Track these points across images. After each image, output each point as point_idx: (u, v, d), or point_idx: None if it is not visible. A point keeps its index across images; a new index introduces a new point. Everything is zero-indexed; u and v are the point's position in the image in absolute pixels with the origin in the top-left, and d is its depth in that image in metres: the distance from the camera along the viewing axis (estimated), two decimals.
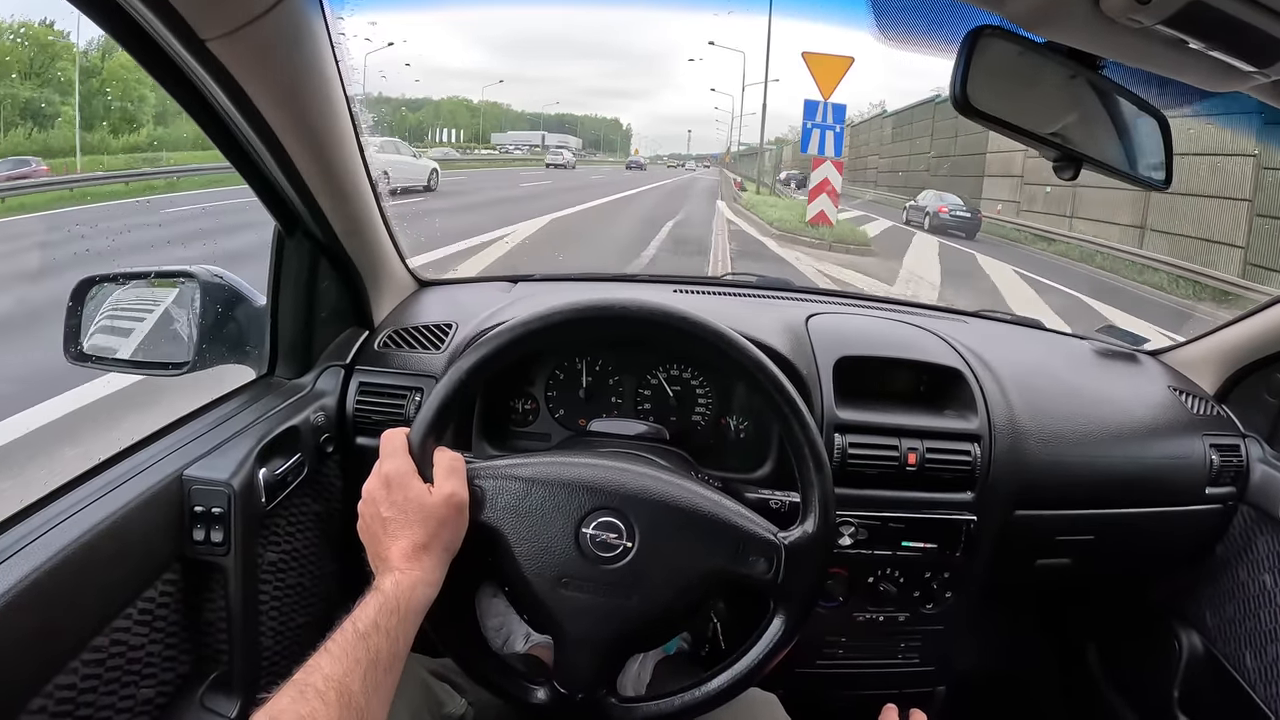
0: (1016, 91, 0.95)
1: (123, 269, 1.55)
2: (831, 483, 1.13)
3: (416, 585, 0.98)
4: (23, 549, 1.02)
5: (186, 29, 1.00)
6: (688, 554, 1.08)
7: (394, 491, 1.04)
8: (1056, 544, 1.68)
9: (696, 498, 1.10)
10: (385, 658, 0.90)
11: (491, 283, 2.10)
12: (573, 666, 1.09)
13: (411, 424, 1.11)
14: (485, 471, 1.10)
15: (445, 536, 1.03)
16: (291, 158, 1.32)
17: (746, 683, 1.11)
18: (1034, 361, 1.84)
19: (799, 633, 1.12)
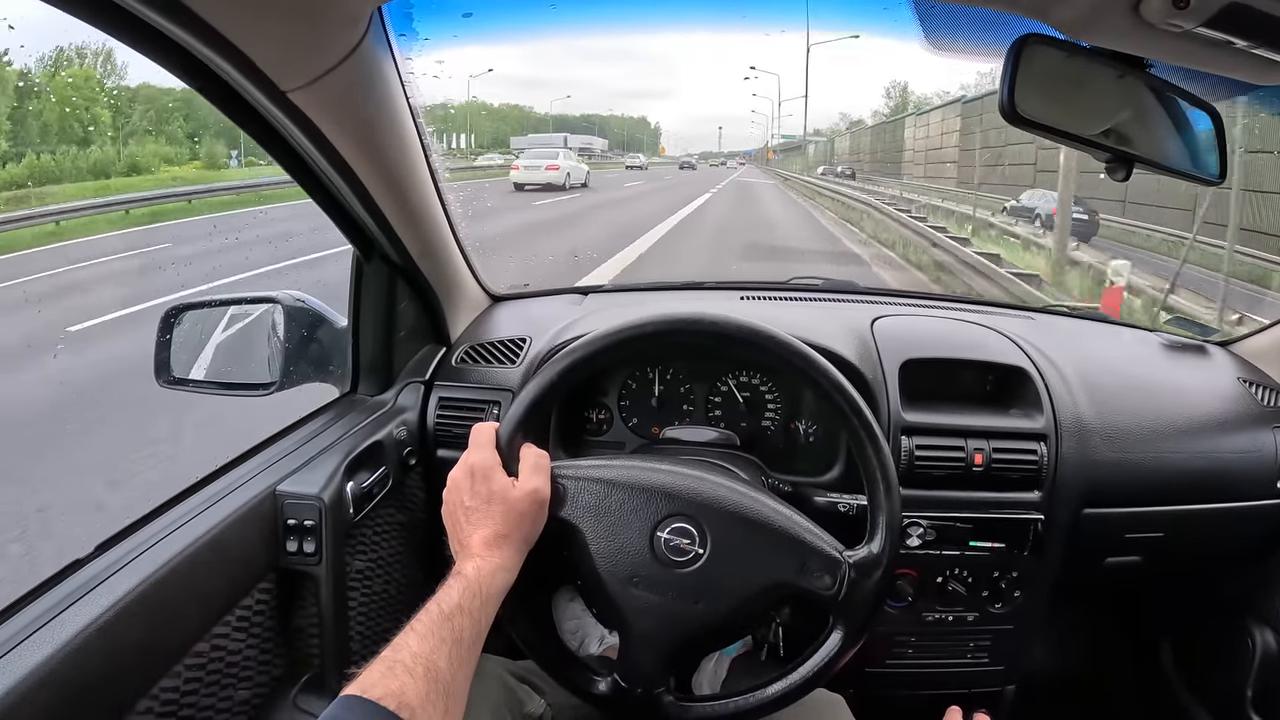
0: (1065, 96, 0.97)
1: (208, 296, 1.64)
2: (900, 506, 1.15)
3: (496, 571, 1.02)
4: (130, 562, 1.10)
5: (268, 83, 1.07)
6: (755, 564, 1.11)
7: (478, 482, 1.09)
8: (1126, 542, 1.66)
9: (768, 510, 1.13)
10: (469, 637, 0.95)
11: (562, 295, 2.15)
12: (635, 662, 1.13)
13: (500, 421, 1.16)
14: (569, 471, 1.15)
15: (525, 529, 1.07)
16: (368, 189, 1.39)
17: (801, 691, 1.14)
18: (1100, 357, 1.82)
19: (856, 646, 1.14)
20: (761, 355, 1.20)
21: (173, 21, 0.91)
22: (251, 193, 14.04)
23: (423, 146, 1.50)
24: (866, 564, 1.12)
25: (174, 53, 0.99)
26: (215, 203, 13.72)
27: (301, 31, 1.07)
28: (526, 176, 20.71)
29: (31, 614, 0.99)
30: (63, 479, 4.09)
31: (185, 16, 0.91)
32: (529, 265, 9.60)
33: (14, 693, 0.89)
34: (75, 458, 4.44)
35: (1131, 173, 1.01)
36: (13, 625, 0.98)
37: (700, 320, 1.20)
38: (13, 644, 0.94)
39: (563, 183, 20.94)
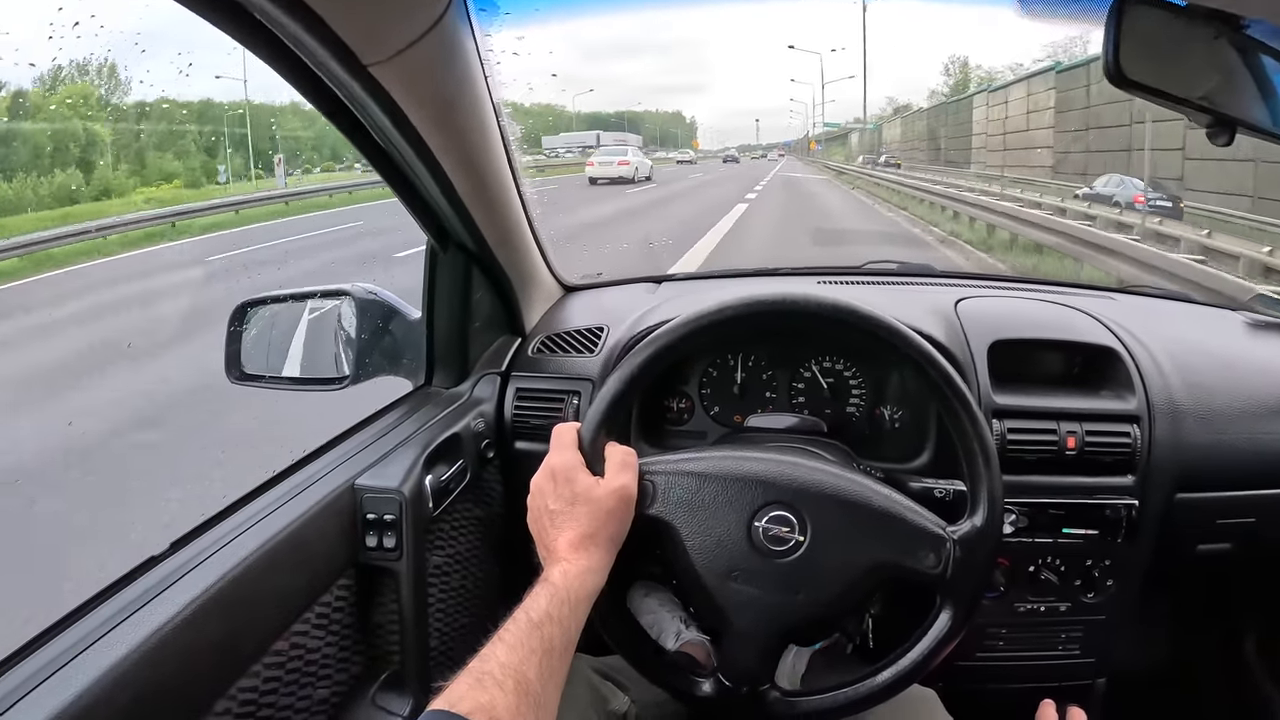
0: (1166, 57, 0.92)
1: (278, 291, 1.63)
2: (1000, 476, 1.11)
3: (584, 574, 0.99)
4: (206, 559, 1.07)
5: (349, 55, 1.04)
6: (858, 548, 1.07)
7: (560, 484, 1.06)
8: (1217, 528, 1.60)
9: (868, 491, 1.09)
10: (559, 646, 0.91)
11: (636, 284, 2.12)
12: (737, 659, 1.09)
13: (581, 420, 1.13)
14: (657, 466, 1.12)
15: (611, 528, 1.04)
16: (446, 172, 1.36)
17: (911, 678, 1.10)
18: (1188, 336, 1.76)
19: (965, 628, 1.10)
20: (848, 332, 1.16)
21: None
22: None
23: (500, 130, 1.47)
24: (971, 539, 1.08)
25: (252, 26, 0.97)
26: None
27: (384, 2, 1.04)
28: (600, 171, 22.45)
29: (106, 613, 0.97)
30: None
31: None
32: (626, 247, 10.18)
33: (89, 694, 0.87)
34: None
35: (1234, 137, 0.95)
36: (87, 624, 0.96)
37: (782, 299, 1.16)
38: (87, 644, 0.92)
39: (632, 176, 22.55)
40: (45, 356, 6.53)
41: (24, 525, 3.70)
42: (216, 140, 15.33)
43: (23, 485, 3.99)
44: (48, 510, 3.78)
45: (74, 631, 0.95)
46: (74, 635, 0.94)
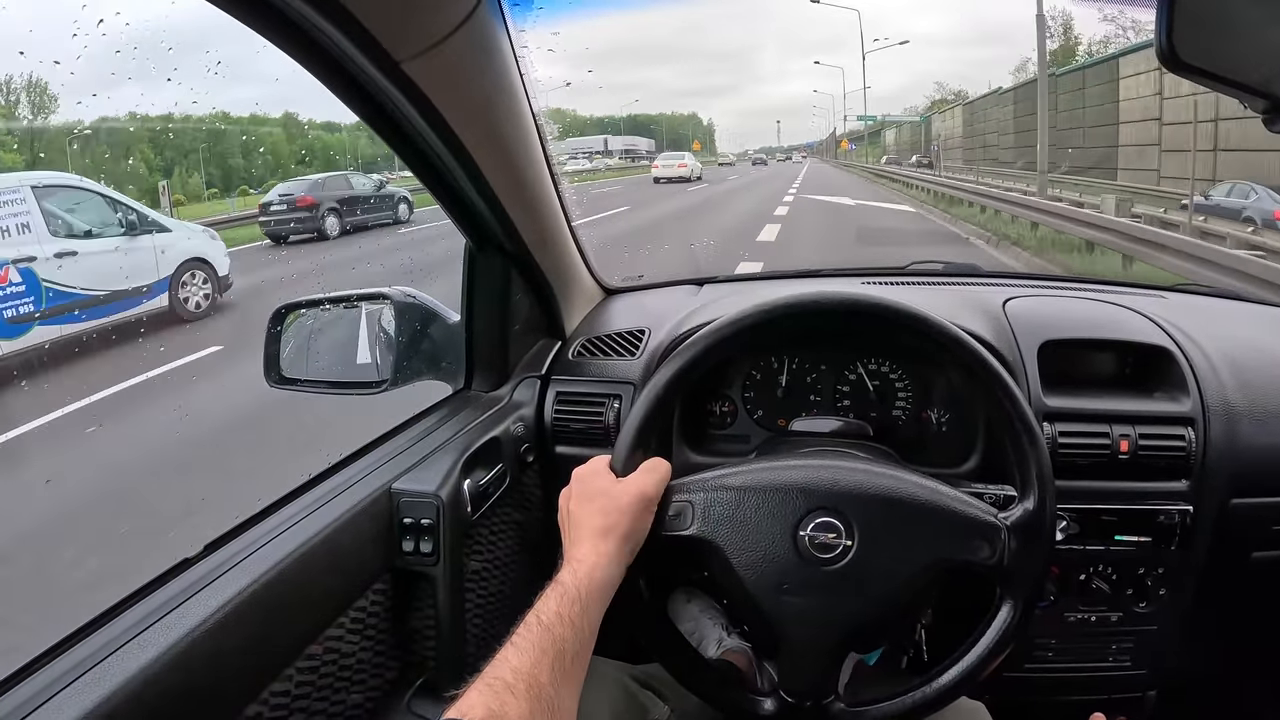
0: (1220, 39, 0.88)
1: (316, 295, 1.63)
2: (1047, 455, 1.08)
3: (594, 570, 0.98)
4: (240, 562, 1.07)
5: (381, 52, 1.03)
6: (909, 546, 1.05)
7: (585, 483, 1.07)
8: (1273, 534, 1.53)
9: (912, 487, 1.07)
10: (571, 647, 0.90)
11: (678, 286, 2.10)
12: (799, 674, 1.06)
13: (613, 437, 1.12)
14: (694, 485, 1.09)
15: (626, 524, 1.02)
16: (483, 172, 1.35)
17: (976, 675, 1.07)
18: (1241, 335, 1.70)
19: (1029, 619, 1.07)
20: (870, 322, 1.16)
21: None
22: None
23: (538, 129, 1.46)
24: (1024, 523, 1.06)
25: (283, 25, 0.97)
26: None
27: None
28: (664, 172, 26.46)
29: (137, 615, 0.97)
30: None
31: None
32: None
33: (118, 695, 0.86)
34: None
35: None
36: (117, 626, 0.95)
37: (821, 299, 1.15)
38: (117, 645, 0.92)
39: (689, 175, 26.16)
40: None
41: None
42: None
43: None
44: None
45: (106, 632, 0.94)
46: (106, 636, 0.93)
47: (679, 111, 58.37)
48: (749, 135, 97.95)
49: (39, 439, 4.58)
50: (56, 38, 1.45)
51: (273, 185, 12.93)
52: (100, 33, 1.38)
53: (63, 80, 2.05)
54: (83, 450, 4.53)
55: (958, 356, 1.12)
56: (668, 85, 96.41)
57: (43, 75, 10.56)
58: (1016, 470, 1.09)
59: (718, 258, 11.45)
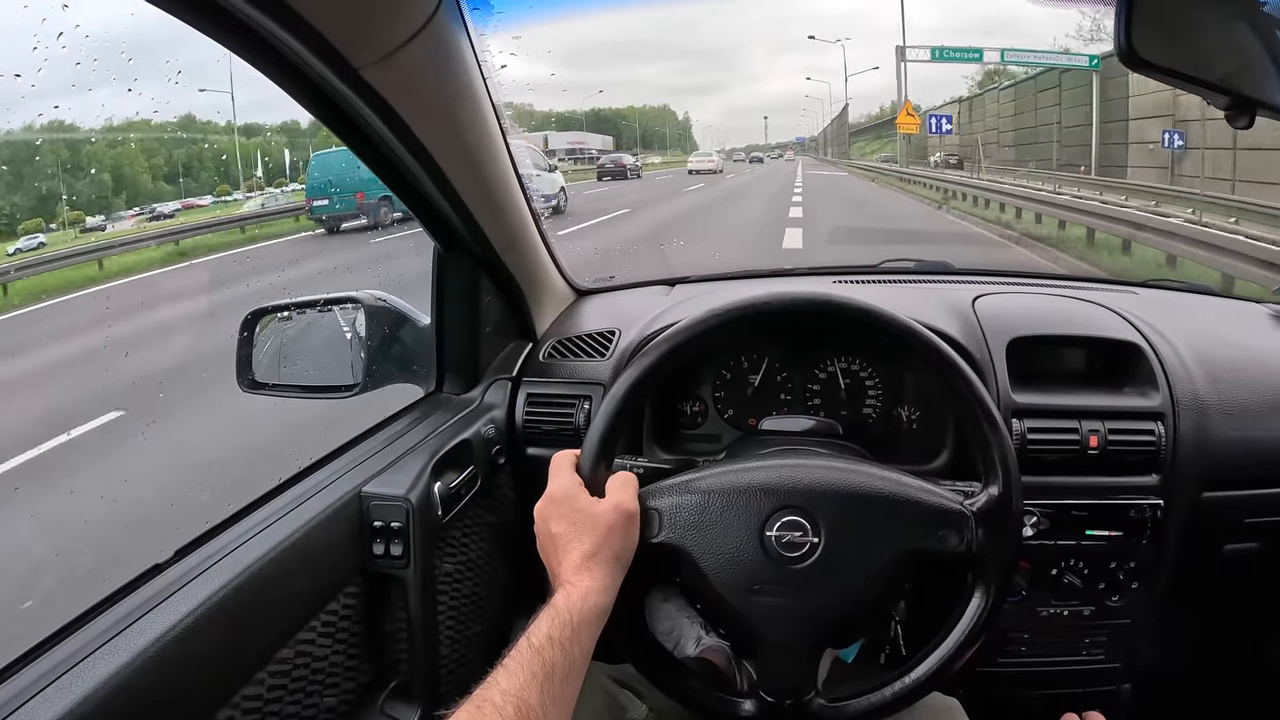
0: (1181, 37, 0.91)
1: (288, 299, 1.63)
2: (1009, 442, 1.09)
3: (587, 595, 0.97)
4: (211, 567, 1.07)
5: (340, 59, 1.04)
6: (876, 539, 1.06)
7: (561, 505, 1.05)
8: (1245, 528, 1.56)
9: (876, 480, 1.08)
10: (561, 670, 0.90)
11: (649, 287, 2.11)
12: (777, 673, 1.07)
13: (580, 442, 1.12)
14: (660, 490, 1.10)
15: (614, 544, 1.02)
16: (448, 176, 1.35)
17: (951, 665, 1.08)
18: (1212, 330, 1.72)
19: (1002, 606, 1.08)
20: (830, 321, 1.17)
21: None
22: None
23: (503, 133, 1.47)
24: (990, 507, 1.07)
25: (240, 32, 0.97)
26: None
27: (373, 2, 1.04)
28: (696, 165, 30.10)
29: (107, 621, 0.97)
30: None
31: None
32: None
33: (89, 701, 0.87)
34: None
35: (1254, 119, 0.93)
36: (88, 633, 0.96)
37: (776, 300, 1.16)
38: (87, 652, 0.92)
39: (718, 169, 29.80)
40: None
41: None
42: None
43: None
44: None
45: (76, 639, 0.95)
46: (76, 643, 0.94)
47: (650, 105, 54.85)
48: (736, 132, 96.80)
49: None
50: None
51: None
52: (60, 44, 1.37)
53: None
54: None
55: (914, 349, 1.13)
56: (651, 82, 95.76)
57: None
58: (979, 457, 1.10)
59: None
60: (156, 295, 8.64)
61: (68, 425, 4.74)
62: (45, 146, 9.18)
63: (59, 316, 7.36)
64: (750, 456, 1.22)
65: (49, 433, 4.72)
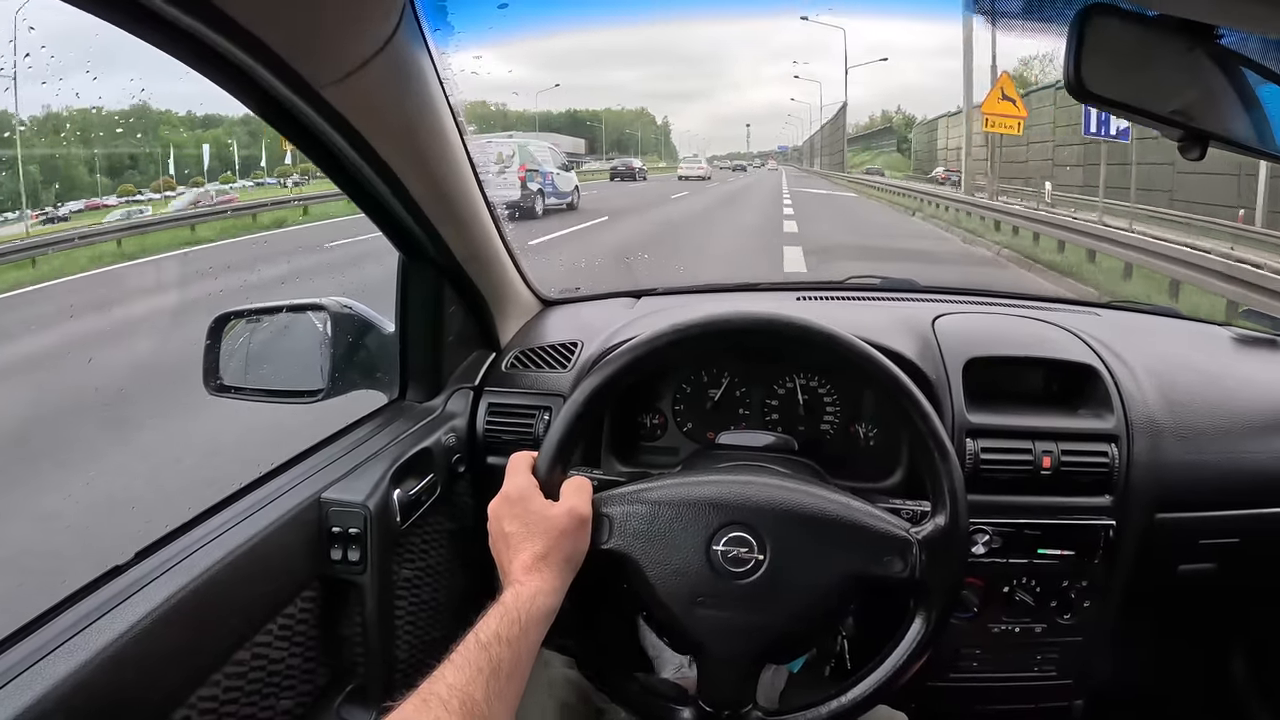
0: (1134, 69, 0.92)
1: (255, 304, 1.65)
2: (959, 470, 1.12)
3: (536, 595, 1.00)
4: (170, 569, 1.09)
5: (300, 80, 1.05)
6: (821, 560, 1.08)
7: (515, 506, 1.08)
8: (1200, 548, 1.59)
9: (824, 502, 1.10)
10: (507, 666, 0.92)
11: (615, 299, 2.13)
12: (716, 684, 1.09)
13: (538, 449, 1.14)
14: (612, 498, 1.12)
15: (565, 547, 1.05)
16: (409, 190, 1.37)
17: (890, 687, 1.10)
18: (1171, 353, 1.75)
19: (943, 631, 1.10)
20: (801, 347, 1.20)
21: (196, 19, 0.90)
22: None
23: (465, 147, 1.48)
24: (936, 536, 1.09)
25: (201, 52, 0.98)
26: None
27: (332, 24, 1.06)
28: (685, 171, 31.59)
29: (65, 621, 0.99)
30: None
31: (209, 12, 0.90)
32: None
33: (46, 699, 0.88)
34: None
35: (1206, 151, 0.95)
36: (46, 633, 0.97)
37: (736, 319, 1.18)
38: (45, 651, 0.93)
39: (707, 175, 31.16)
40: None
41: None
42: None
43: None
44: None
45: (34, 639, 0.96)
46: (34, 643, 0.95)
47: (627, 107, 53.25)
48: (718, 140, 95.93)
49: None
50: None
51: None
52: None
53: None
54: None
55: (870, 375, 1.15)
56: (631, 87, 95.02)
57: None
58: (929, 485, 1.13)
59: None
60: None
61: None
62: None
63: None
64: (703, 470, 1.24)
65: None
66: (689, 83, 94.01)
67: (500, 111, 34.00)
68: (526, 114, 37.56)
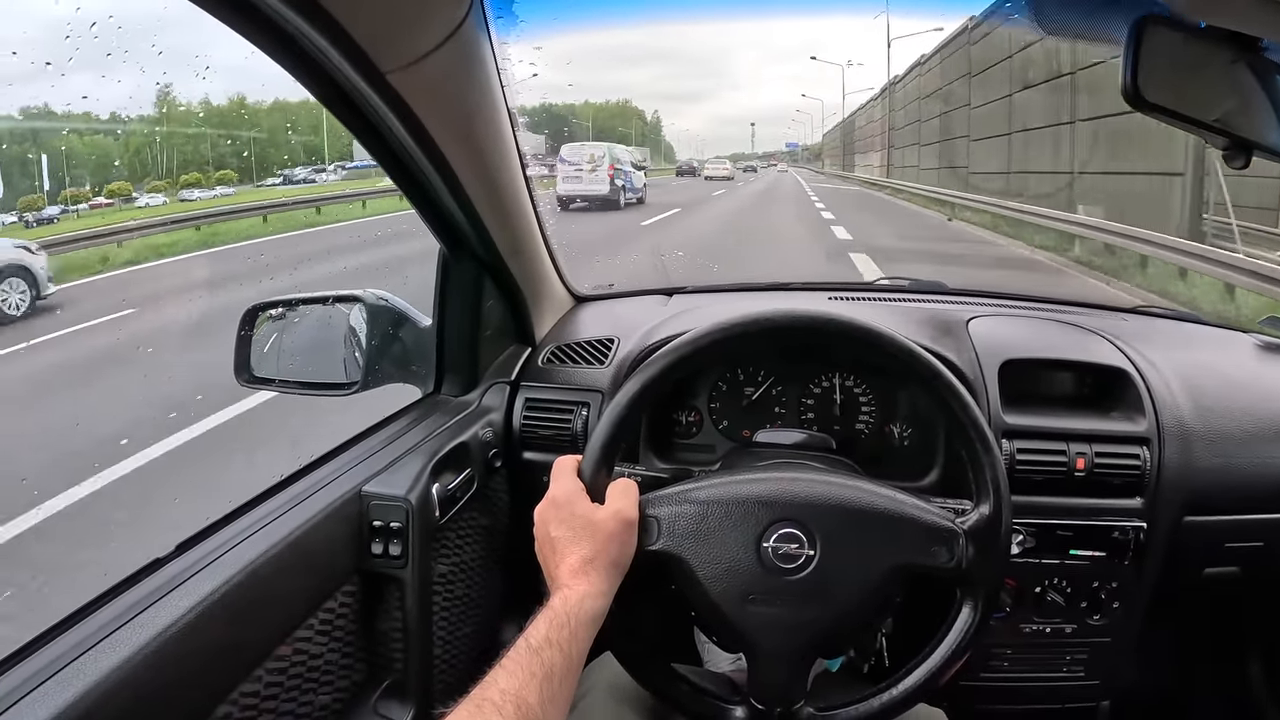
0: (1185, 79, 0.93)
1: (289, 295, 1.64)
2: (1001, 462, 1.12)
3: (584, 599, 0.99)
4: (211, 563, 1.07)
5: (368, 63, 1.04)
6: (870, 553, 1.08)
7: (562, 509, 1.06)
8: (1226, 552, 1.59)
9: (872, 496, 1.10)
10: (559, 670, 0.92)
11: (648, 296, 2.12)
12: (768, 682, 1.08)
13: (582, 452, 1.13)
14: (659, 499, 1.11)
15: (612, 551, 1.04)
16: (461, 182, 1.36)
17: (938, 678, 1.10)
18: (1198, 358, 1.75)
19: (988, 623, 1.10)
20: (829, 338, 1.19)
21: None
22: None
23: (516, 141, 1.48)
24: (981, 526, 1.09)
25: (270, 32, 0.97)
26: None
27: (405, 8, 1.05)
28: (711, 172, 31.63)
29: (109, 614, 0.98)
30: None
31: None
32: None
33: (90, 695, 0.87)
34: None
35: (1250, 160, 0.96)
36: (90, 625, 0.96)
37: (782, 317, 1.17)
38: (89, 645, 0.92)
39: (731, 175, 31.79)
40: None
41: None
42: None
43: None
44: None
45: (77, 632, 0.95)
46: (77, 636, 0.94)
47: (609, 101, 48.89)
48: (722, 141, 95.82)
49: None
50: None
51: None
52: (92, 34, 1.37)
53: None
54: None
55: (912, 369, 1.15)
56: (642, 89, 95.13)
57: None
58: (972, 477, 1.13)
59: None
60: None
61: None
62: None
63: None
64: (747, 469, 1.23)
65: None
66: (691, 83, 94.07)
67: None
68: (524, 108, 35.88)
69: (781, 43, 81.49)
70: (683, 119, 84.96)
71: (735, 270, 9.30)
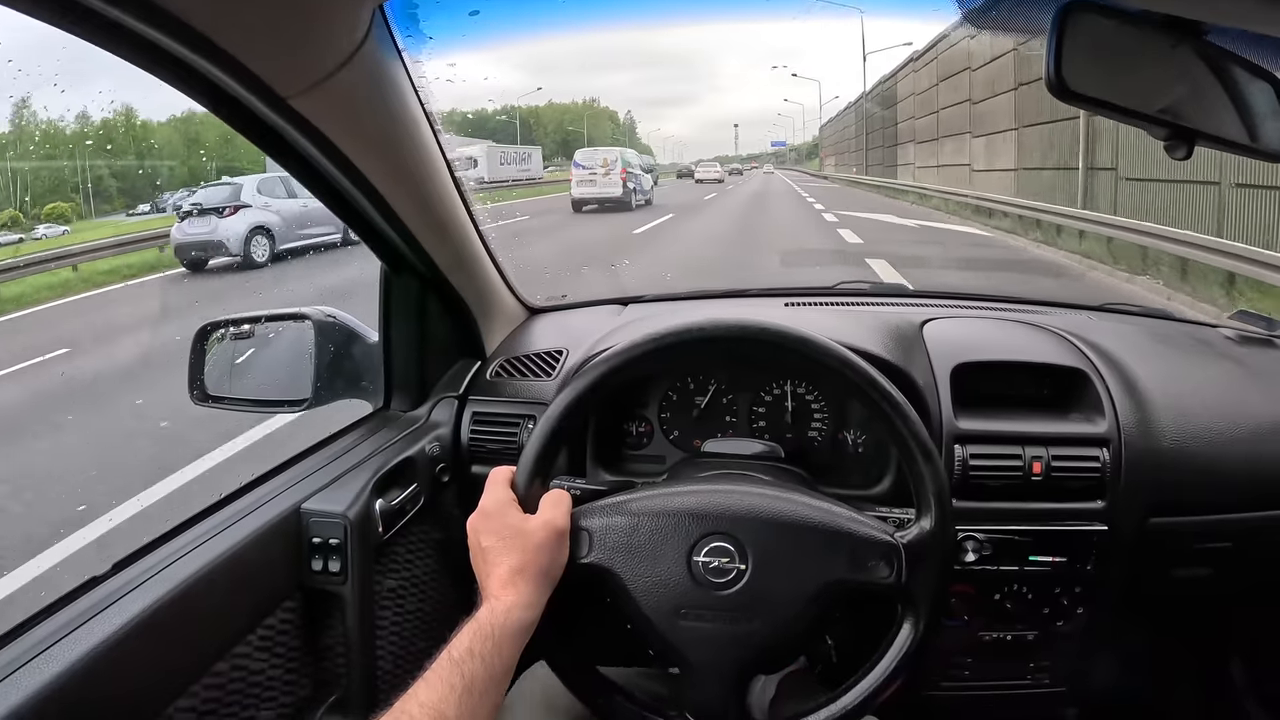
0: (1116, 68, 0.90)
1: (238, 314, 1.64)
2: (944, 474, 1.10)
3: (511, 610, 0.99)
4: (147, 580, 1.08)
5: (266, 89, 1.05)
6: (804, 568, 1.06)
7: (492, 520, 1.07)
8: (1194, 552, 1.56)
9: (805, 509, 1.08)
10: (480, 683, 0.92)
11: (602, 306, 2.11)
12: (703, 697, 1.08)
13: (518, 462, 1.13)
14: (592, 510, 1.11)
15: (542, 561, 1.04)
16: (387, 200, 1.37)
17: (878, 695, 1.08)
18: (1164, 355, 1.72)
19: (932, 639, 1.09)
20: (779, 354, 1.17)
21: (160, 30, 0.89)
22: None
23: (443, 155, 1.48)
24: (921, 540, 1.07)
25: (166, 62, 0.98)
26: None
27: (295, 35, 1.05)
28: (702, 175, 33.88)
29: (43, 632, 0.99)
30: None
31: (172, 24, 0.89)
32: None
33: (21, 711, 0.88)
34: None
35: (1192, 150, 0.93)
36: (23, 643, 0.97)
37: (709, 327, 1.16)
38: (21, 662, 0.93)
39: (721, 178, 33.78)
40: None
41: None
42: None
43: None
44: None
45: (11, 650, 0.96)
46: (11, 653, 0.95)
47: (574, 101, 48.99)
48: (706, 144, 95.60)
49: None
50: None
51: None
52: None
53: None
54: None
55: (849, 380, 1.13)
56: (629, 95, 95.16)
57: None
58: (913, 489, 1.11)
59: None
60: None
61: None
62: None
63: None
64: (684, 480, 1.23)
65: None
66: (674, 86, 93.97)
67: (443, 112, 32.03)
68: (456, 115, 31.31)
69: (766, 44, 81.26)
70: (667, 123, 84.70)
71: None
